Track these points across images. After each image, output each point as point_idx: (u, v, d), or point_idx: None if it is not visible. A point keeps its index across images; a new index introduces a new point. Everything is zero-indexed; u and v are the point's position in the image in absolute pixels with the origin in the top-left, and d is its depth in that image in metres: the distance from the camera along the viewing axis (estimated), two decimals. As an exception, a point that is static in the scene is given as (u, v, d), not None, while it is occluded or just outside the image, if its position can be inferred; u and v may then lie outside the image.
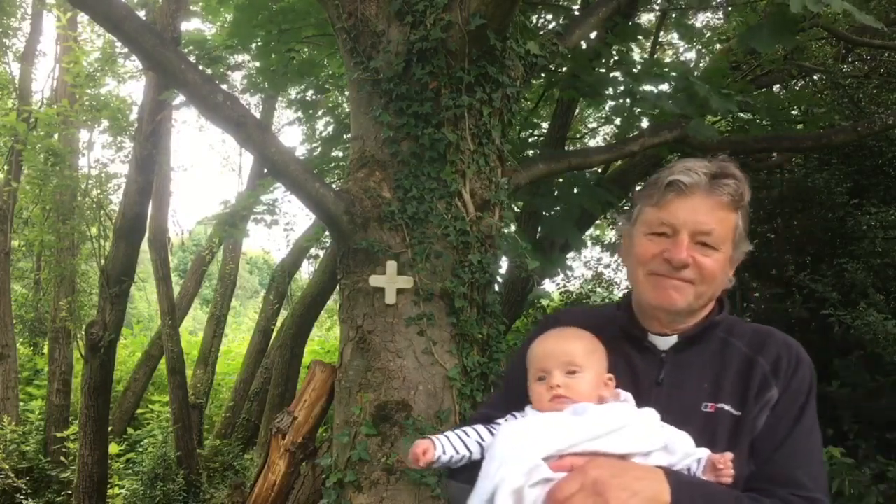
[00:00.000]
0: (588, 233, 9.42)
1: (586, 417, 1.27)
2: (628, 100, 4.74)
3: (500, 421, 1.42)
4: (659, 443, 1.26)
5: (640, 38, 5.03)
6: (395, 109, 3.29)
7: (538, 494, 1.18)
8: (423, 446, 1.35)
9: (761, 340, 1.39)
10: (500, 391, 1.60)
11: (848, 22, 6.80)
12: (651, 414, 1.31)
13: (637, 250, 1.40)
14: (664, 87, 4.61)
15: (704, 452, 1.28)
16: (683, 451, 1.27)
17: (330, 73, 5.84)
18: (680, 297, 1.35)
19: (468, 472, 1.35)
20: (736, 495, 1.25)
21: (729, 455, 1.25)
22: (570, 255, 5.92)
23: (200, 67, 4.55)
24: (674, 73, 4.47)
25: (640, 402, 1.36)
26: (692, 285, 1.35)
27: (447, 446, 1.37)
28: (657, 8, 5.93)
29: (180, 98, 5.61)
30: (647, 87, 4.53)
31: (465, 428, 1.43)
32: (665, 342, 1.41)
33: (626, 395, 1.37)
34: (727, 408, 1.33)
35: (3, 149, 9.47)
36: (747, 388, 1.33)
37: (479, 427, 1.42)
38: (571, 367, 1.36)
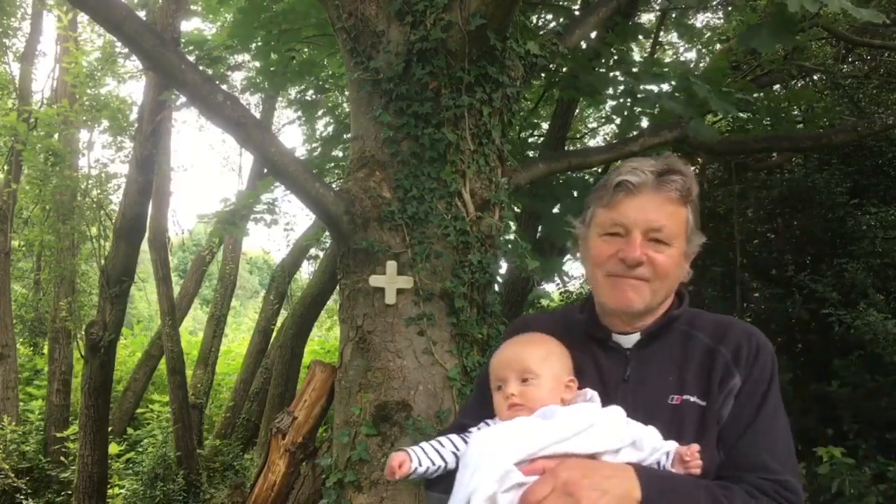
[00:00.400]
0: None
1: (554, 420, 1.29)
2: (629, 100, 4.75)
3: (473, 429, 1.44)
4: (626, 439, 1.27)
5: (640, 37, 5.03)
6: (395, 109, 3.29)
7: (511, 499, 1.20)
8: (399, 459, 1.37)
9: (722, 331, 1.42)
10: (474, 399, 1.62)
11: (848, 22, 6.80)
12: (617, 411, 1.33)
13: (592, 252, 1.44)
14: (664, 86, 4.62)
15: (672, 446, 1.29)
16: (651, 446, 1.28)
17: (330, 73, 5.85)
18: (637, 298, 1.38)
19: (445, 482, 1.37)
20: (705, 484, 1.27)
21: (695, 447, 1.27)
22: (568, 256, 5.91)
23: (200, 67, 4.56)
24: (674, 73, 4.47)
25: (608, 399, 1.38)
26: (647, 283, 1.38)
27: (423, 458, 1.39)
28: (657, 8, 5.93)
29: (181, 99, 5.61)
30: (648, 87, 4.53)
31: (441, 438, 1.45)
32: (628, 340, 1.44)
33: (592, 394, 1.39)
34: (692, 399, 1.35)
35: (3, 149, 9.46)
36: (710, 378, 1.36)
37: (454, 436, 1.44)
38: (526, 375, 1.38)
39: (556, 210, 4.86)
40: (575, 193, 4.94)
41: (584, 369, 1.43)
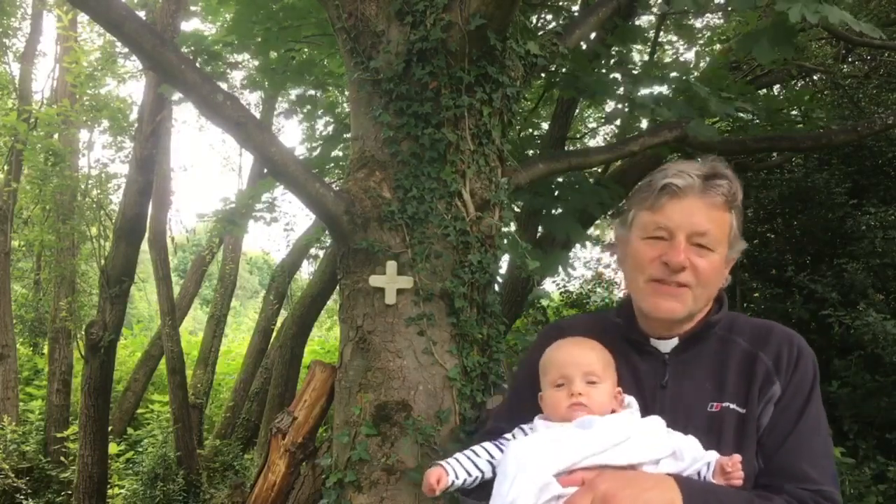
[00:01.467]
0: (588, 232, 9.41)
1: (593, 430, 1.28)
2: (626, 106, 4.75)
3: (508, 436, 1.43)
4: (667, 450, 1.26)
5: (639, 40, 5.03)
6: (395, 109, 3.29)
7: None
8: (437, 475, 1.36)
9: (762, 335, 1.39)
10: (508, 403, 1.61)
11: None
12: (657, 422, 1.32)
13: (634, 255, 1.40)
14: (664, 89, 4.61)
15: (713, 456, 1.28)
16: (692, 456, 1.27)
17: (330, 72, 5.84)
18: (680, 306, 1.36)
19: (480, 489, 1.37)
20: (747, 496, 1.24)
21: (737, 457, 1.25)
22: (573, 251, 5.90)
23: (199, 65, 4.56)
24: (673, 75, 4.46)
25: (646, 405, 1.37)
26: (689, 289, 1.35)
27: (459, 470, 1.38)
28: (656, 11, 5.93)
29: (180, 94, 5.61)
30: (647, 91, 4.53)
31: (475, 447, 1.43)
32: (666, 345, 1.41)
33: (631, 401, 1.37)
34: (732, 406, 1.33)
35: (3, 149, 9.46)
36: (750, 385, 1.33)
37: (488, 445, 1.43)
38: (592, 378, 1.36)
39: (558, 210, 4.86)
40: (576, 187, 4.93)
41: (621, 374, 1.41)
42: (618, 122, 5.82)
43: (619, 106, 4.83)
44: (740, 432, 1.31)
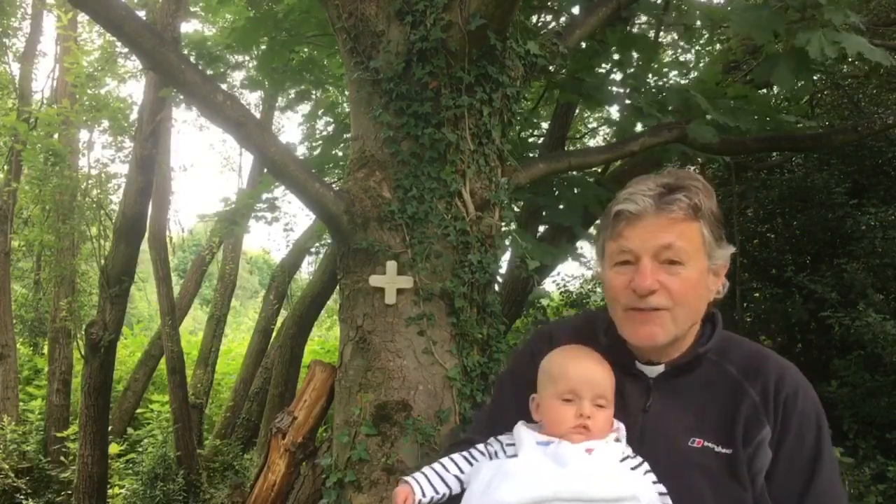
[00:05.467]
0: (589, 231, 9.41)
1: (568, 470, 1.24)
2: (625, 111, 4.76)
3: (480, 447, 1.41)
4: (630, 491, 1.21)
5: (639, 46, 5.02)
6: (395, 109, 3.29)
7: None
8: (404, 494, 1.34)
9: (754, 366, 1.31)
10: (489, 413, 1.55)
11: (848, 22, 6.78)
12: (634, 467, 1.27)
13: (607, 285, 1.36)
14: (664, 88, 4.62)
15: None
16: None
17: (330, 72, 5.85)
18: (659, 330, 1.29)
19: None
20: None
21: None
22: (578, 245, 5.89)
23: (200, 67, 4.56)
24: (671, 83, 4.46)
25: (629, 427, 1.33)
26: (667, 311, 1.28)
27: (426, 487, 1.36)
28: (653, 22, 5.93)
29: (180, 95, 5.61)
30: (647, 94, 4.54)
31: (444, 460, 1.41)
32: (652, 371, 1.36)
33: (619, 426, 1.34)
34: (711, 445, 1.26)
35: (3, 149, 9.47)
36: (734, 424, 1.26)
37: (457, 457, 1.40)
38: (601, 401, 1.32)
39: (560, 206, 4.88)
40: (576, 190, 4.95)
41: None
42: (616, 117, 5.83)
43: (620, 110, 4.84)
44: (729, 475, 1.23)
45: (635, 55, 4.86)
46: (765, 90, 6.92)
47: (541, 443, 1.31)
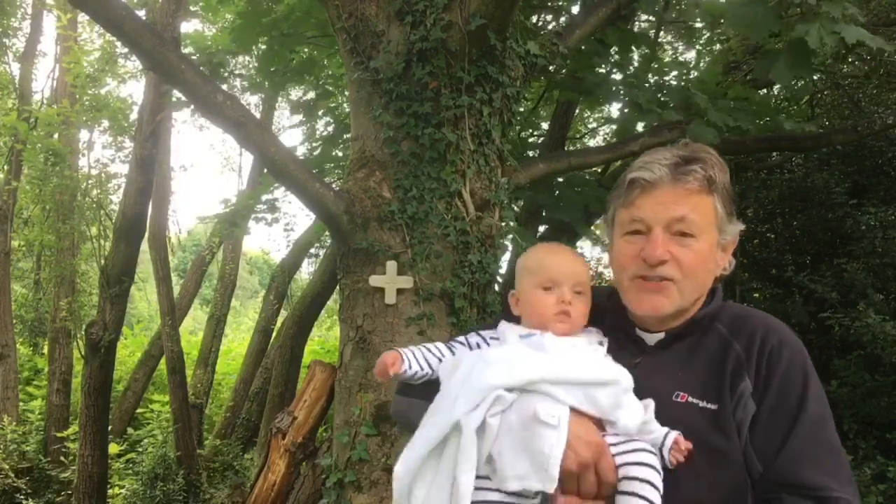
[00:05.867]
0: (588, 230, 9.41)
1: (549, 355, 1.25)
2: (626, 108, 4.76)
3: (461, 338, 1.43)
4: (622, 380, 1.23)
5: (640, 45, 5.02)
6: (395, 109, 3.29)
7: (497, 422, 1.18)
8: (392, 357, 1.34)
9: (739, 323, 1.31)
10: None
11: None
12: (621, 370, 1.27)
13: (616, 253, 1.36)
14: (664, 91, 4.62)
15: (675, 433, 1.22)
16: (651, 415, 1.23)
17: (330, 73, 5.85)
18: (665, 300, 1.29)
19: (419, 388, 1.36)
20: None
21: (688, 444, 1.20)
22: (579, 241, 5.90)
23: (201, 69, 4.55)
24: (672, 83, 4.46)
25: None
26: (674, 283, 1.28)
27: (413, 361, 1.36)
28: (653, 19, 5.94)
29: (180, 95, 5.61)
30: (646, 94, 4.54)
31: (430, 345, 1.42)
32: (652, 338, 1.37)
33: (604, 340, 1.37)
34: (696, 401, 1.25)
35: (3, 149, 9.47)
36: (722, 379, 1.25)
37: (441, 345, 1.41)
38: (579, 287, 1.36)
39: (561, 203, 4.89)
40: (577, 189, 4.95)
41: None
42: (616, 114, 5.83)
43: (621, 109, 4.85)
44: (713, 430, 1.21)
45: (635, 55, 4.86)
46: (765, 90, 6.93)
47: (524, 336, 1.33)
